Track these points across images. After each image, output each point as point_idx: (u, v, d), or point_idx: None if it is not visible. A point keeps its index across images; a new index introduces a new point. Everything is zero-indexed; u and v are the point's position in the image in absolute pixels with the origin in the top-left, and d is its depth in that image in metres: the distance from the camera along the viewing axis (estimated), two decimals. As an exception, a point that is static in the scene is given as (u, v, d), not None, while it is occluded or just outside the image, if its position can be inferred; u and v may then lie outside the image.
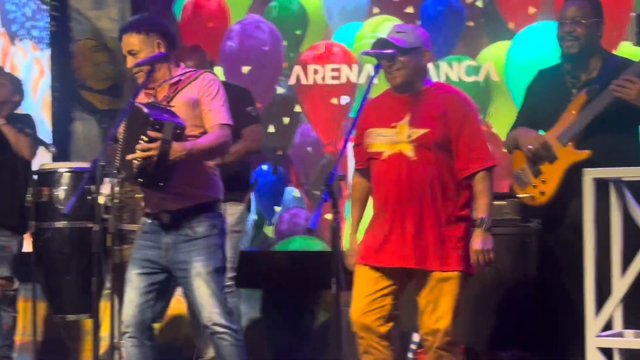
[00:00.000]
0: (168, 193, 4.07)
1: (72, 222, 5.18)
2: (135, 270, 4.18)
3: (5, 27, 7.01)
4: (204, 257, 4.12)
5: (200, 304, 4.11)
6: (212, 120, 4.11)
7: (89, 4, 6.92)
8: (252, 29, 6.36)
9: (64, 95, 6.92)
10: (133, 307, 4.16)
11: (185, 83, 4.18)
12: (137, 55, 4.17)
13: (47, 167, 5.40)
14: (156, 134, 3.89)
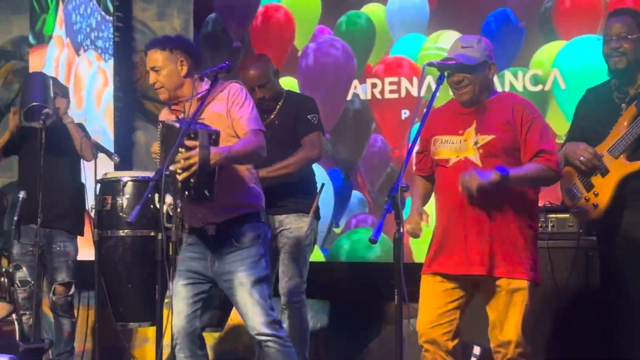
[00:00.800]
0: (209, 207, 4.12)
1: (135, 230, 5.21)
2: (182, 281, 4.24)
3: (70, 38, 7.10)
4: (247, 267, 4.18)
5: (244, 313, 4.17)
6: (243, 127, 4.17)
7: (152, 15, 6.99)
8: (326, 47, 6.42)
9: (127, 104, 6.99)
10: (182, 318, 4.22)
11: (213, 96, 4.23)
12: (160, 72, 4.25)
13: (111, 176, 5.44)
14: (193, 142, 3.94)
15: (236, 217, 4.20)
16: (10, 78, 7.52)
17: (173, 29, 6.93)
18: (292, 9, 6.49)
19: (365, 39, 6.31)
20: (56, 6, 7.14)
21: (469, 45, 4.09)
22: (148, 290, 5.13)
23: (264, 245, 4.25)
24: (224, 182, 4.09)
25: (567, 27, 5.76)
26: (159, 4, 6.97)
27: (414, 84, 6.15)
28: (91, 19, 7.03)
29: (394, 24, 6.22)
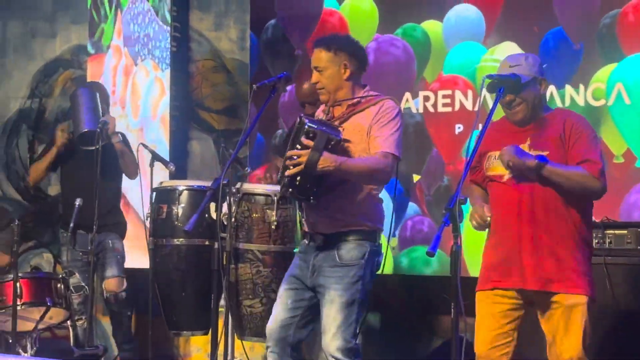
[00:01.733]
0: (324, 215, 4.08)
1: (190, 239, 5.20)
2: (285, 285, 4.20)
3: (128, 48, 7.17)
4: (341, 286, 4.06)
5: (324, 331, 4.07)
6: (377, 146, 4.05)
7: (209, 25, 7.03)
8: (386, 46, 6.37)
9: (182, 114, 7.03)
10: (276, 322, 4.17)
11: (363, 106, 4.15)
12: (322, 73, 4.17)
13: (167, 184, 5.46)
14: (309, 142, 3.90)
15: (345, 233, 4.11)
16: (68, 86, 7.61)
17: (229, 39, 6.97)
18: (350, 18, 6.47)
19: (421, 52, 6.28)
20: (114, 16, 7.21)
21: (517, 64, 4.06)
22: (202, 299, 5.16)
23: (367, 268, 4.10)
24: (341, 194, 4.05)
25: (630, 41, 5.68)
26: (216, 14, 7.01)
27: (469, 98, 6.10)
28: (149, 29, 7.08)
29: (450, 38, 6.18)
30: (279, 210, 4.89)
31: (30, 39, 7.75)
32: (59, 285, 5.16)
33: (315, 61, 4.19)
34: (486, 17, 6.05)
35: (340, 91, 4.17)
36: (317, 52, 4.19)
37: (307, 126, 3.91)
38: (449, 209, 3.46)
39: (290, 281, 4.20)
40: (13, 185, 7.79)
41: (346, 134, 4.06)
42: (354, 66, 4.17)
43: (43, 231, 7.51)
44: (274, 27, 6.70)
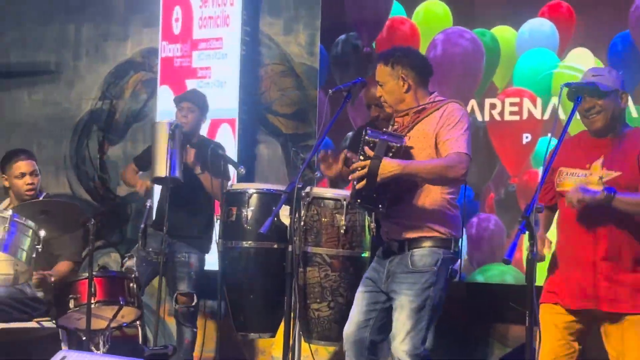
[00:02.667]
0: (397, 223, 4.10)
1: (258, 242, 5.20)
2: (361, 288, 4.24)
3: (199, 50, 7.23)
4: (412, 292, 4.09)
5: (393, 335, 4.11)
6: (447, 149, 4.05)
7: (279, 30, 7.07)
8: (455, 38, 6.34)
9: (251, 118, 7.08)
10: (352, 324, 4.21)
11: (427, 112, 4.17)
12: (383, 87, 4.22)
13: (237, 187, 5.48)
14: (370, 152, 3.93)
15: (418, 239, 4.13)
16: (138, 88, 7.70)
17: (299, 44, 7.00)
18: (422, 24, 6.45)
19: (488, 59, 6.24)
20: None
21: (599, 74, 4.03)
22: (269, 301, 5.19)
23: (440, 275, 4.11)
24: (414, 201, 4.06)
25: None
26: (286, 19, 7.05)
27: (537, 105, 6.04)
28: (220, 32, 7.13)
29: (522, 45, 6.13)
30: (348, 214, 4.90)
31: (102, 41, 7.86)
32: (131, 285, 5.22)
33: (377, 75, 4.25)
34: (561, 33, 5.98)
35: (401, 104, 4.22)
36: (378, 67, 4.26)
37: (367, 137, 3.94)
38: (526, 217, 3.45)
39: (366, 284, 4.24)
40: (83, 185, 7.90)
41: (411, 141, 4.08)
42: (413, 78, 4.20)
43: (111, 231, 7.61)
44: (344, 43, 6.71)
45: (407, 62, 4.21)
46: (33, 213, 4.88)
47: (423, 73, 4.25)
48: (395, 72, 4.18)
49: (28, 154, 5.94)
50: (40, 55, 8.11)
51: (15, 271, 4.85)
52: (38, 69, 8.09)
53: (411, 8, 6.50)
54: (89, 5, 7.91)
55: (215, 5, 7.09)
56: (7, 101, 8.21)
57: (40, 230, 4.76)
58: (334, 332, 5.09)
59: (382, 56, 4.26)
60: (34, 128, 8.08)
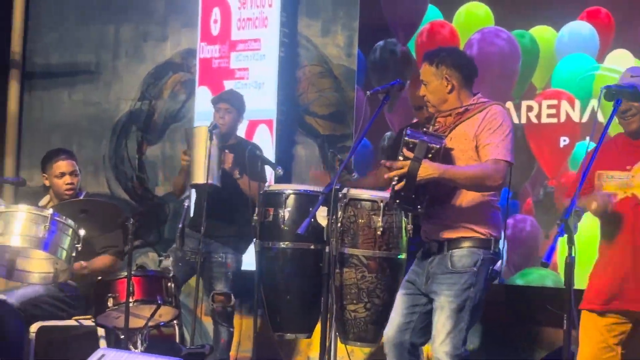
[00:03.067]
0: (436, 223, 4.10)
1: (295, 242, 5.21)
2: (401, 290, 4.26)
3: (237, 52, 7.27)
4: (452, 293, 4.09)
5: (434, 336, 4.11)
6: (487, 154, 4.05)
7: (317, 31, 7.09)
8: (491, 37, 6.32)
9: (288, 118, 7.10)
10: (392, 327, 4.22)
11: (469, 114, 4.16)
12: (427, 86, 4.21)
13: (274, 188, 5.49)
14: (409, 153, 3.93)
15: (458, 240, 4.13)
16: (177, 89, 7.75)
17: (336, 45, 7.01)
18: (463, 26, 6.43)
19: (527, 60, 6.21)
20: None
21: (638, 75, 4.00)
22: (306, 302, 5.21)
23: (479, 276, 4.11)
24: (454, 201, 4.07)
25: None
26: (324, 20, 7.06)
27: (576, 108, 5.99)
28: (258, 34, 7.16)
29: (562, 48, 6.09)
30: (385, 216, 4.90)
31: (142, 42, 7.92)
32: (169, 284, 5.25)
33: (422, 74, 4.25)
34: (601, 37, 5.94)
35: (444, 104, 4.20)
36: (423, 66, 4.25)
37: (406, 138, 3.93)
38: (564, 220, 3.44)
39: (406, 286, 4.25)
40: (121, 185, 7.96)
41: (452, 142, 4.07)
42: (457, 79, 4.20)
43: (149, 231, 7.66)
44: (382, 49, 6.71)
45: (451, 62, 4.21)
46: (73, 212, 4.93)
47: (467, 74, 4.24)
48: (440, 72, 4.18)
49: (68, 154, 5.98)
50: (80, 55, 8.19)
51: (55, 270, 4.88)
52: (78, 70, 8.17)
53: (450, 11, 6.48)
54: (129, 6, 7.97)
55: (254, 7, 7.12)
56: (48, 101, 8.30)
57: (80, 230, 4.80)
58: (370, 333, 5.09)
59: (427, 56, 4.26)
60: (74, 128, 8.15)
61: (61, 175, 5.83)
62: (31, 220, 4.70)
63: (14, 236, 4.69)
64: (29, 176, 7.31)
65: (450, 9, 6.47)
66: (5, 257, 4.87)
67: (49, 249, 4.70)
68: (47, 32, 8.34)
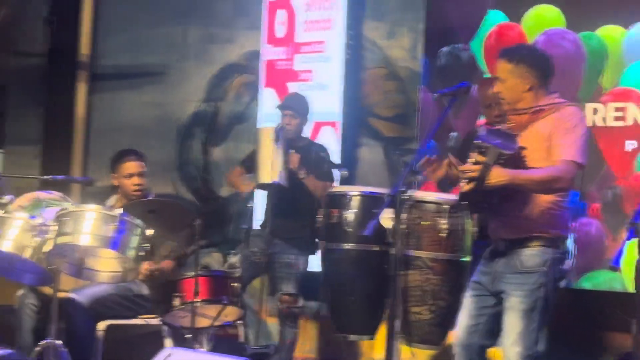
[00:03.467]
0: (505, 221, 4.09)
1: (359, 244, 5.21)
2: (469, 292, 4.24)
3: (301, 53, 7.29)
4: (522, 293, 4.07)
5: (504, 337, 4.09)
6: (558, 154, 4.02)
7: (382, 34, 7.09)
8: (557, 39, 6.28)
9: (353, 121, 7.11)
10: (461, 329, 4.21)
11: (544, 114, 4.14)
12: (503, 83, 4.18)
13: (338, 189, 5.50)
14: (479, 157, 3.92)
15: (527, 239, 4.11)
16: (241, 91, 7.80)
17: (402, 47, 7.00)
18: (532, 29, 6.37)
19: (594, 62, 6.15)
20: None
21: None
22: (370, 303, 5.20)
23: (549, 275, 4.09)
24: (523, 200, 4.05)
25: None
26: (389, 23, 7.06)
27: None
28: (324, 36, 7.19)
29: (631, 50, 6.02)
30: (450, 218, 4.88)
31: (208, 44, 7.99)
32: (234, 285, 5.30)
33: (498, 71, 4.20)
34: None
35: (520, 102, 4.15)
36: (500, 63, 4.20)
37: (478, 141, 3.92)
38: (634, 223, 3.41)
39: (474, 287, 4.23)
40: (187, 186, 8.04)
41: (525, 141, 4.04)
42: (536, 77, 4.15)
43: (213, 231, 7.71)
44: (448, 55, 6.68)
45: (531, 60, 4.18)
46: (141, 212, 4.98)
47: (545, 73, 4.20)
48: (519, 70, 4.14)
49: (137, 155, 6.04)
50: (147, 57, 8.28)
51: (123, 269, 4.94)
52: (145, 71, 8.26)
53: (515, 14, 6.44)
54: (196, 9, 8.04)
55: (320, 9, 7.14)
56: (116, 102, 8.41)
57: (147, 229, 4.86)
58: (434, 335, 5.07)
59: (506, 53, 4.22)
60: (141, 129, 8.25)
61: (129, 176, 5.90)
62: (100, 219, 4.75)
63: (83, 235, 4.74)
64: (96, 176, 7.40)
65: (515, 13, 6.43)
66: (75, 256, 4.94)
67: (117, 248, 4.75)
68: (115, 34, 8.45)
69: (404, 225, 4.92)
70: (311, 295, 6.38)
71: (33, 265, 5.01)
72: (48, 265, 4.91)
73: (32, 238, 4.89)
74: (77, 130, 8.31)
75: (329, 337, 5.78)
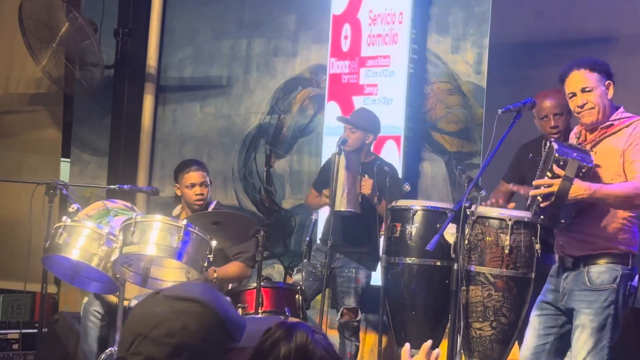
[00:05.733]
0: (573, 237, 4.06)
1: (422, 259, 5.22)
2: (536, 312, 4.22)
3: (364, 68, 7.31)
4: (593, 311, 4.05)
5: (573, 354, 4.07)
6: (634, 170, 4.00)
7: (447, 48, 7.07)
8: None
9: (416, 135, 7.10)
10: (528, 349, 4.20)
11: (615, 128, 4.13)
12: (592, 92, 4.14)
13: (401, 203, 5.51)
14: (560, 171, 3.89)
15: (595, 255, 4.09)
16: (306, 104, 7.84)
17: (466, 62, 6.99)
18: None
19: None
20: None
21: None
22: (431, 318, 5.21)
23: (619, 292, 4.07)
24: (593, 216, 4.03)
25: None
26: (454, 37, 7.05)
27: None
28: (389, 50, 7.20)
29: None
30: (513, 234, 4.87)
31: (272, 57, 8.05)
32: (297, 296, 5.33)
33: (583, 82, 4.15)
34: None
35: (607, 110, 4.12)
36: (582, 73, 4.16)
37: (557, 154, 3.89)
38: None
39: (541, 307, 4.21)
40: (249, 197, 8.09)
41: (598, 158, 4.01)
42: (611, 90, 4.15)
43: (275, 243, 7.76)
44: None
45: (610, 72, 4.19)
46: (206, 223, 5.05)
47: (614, 87, 4.21)
48: (604, 80, 4.15)
49: (200, 165, 6.12)
50: (213, 69, 8.37)
51: (187, 279, 5.00)
52: (210, 84, 8.35)
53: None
54: (261, 22, 8.11)
55: (384, 24, 7.16)
56: (181, 114, 8.51)
57: (212, 240, 4.91)
58: (495, 352, 5.06)
59: (585, 63, 4.20)
60: (205, 140, 8.34)
61: (192, 186, 5.96)
62: (166, 230, 4.82)
63: (149, 245, 4.82)
64: (161, 187, 7.50)
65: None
66: (140, 265, 5.01)
67: (182, 259, 4.81)
68: (182, 47, 8.56)
69: (467, 240, 4.94)
70: (373, 309, 6.39)
71: (99, 273, 5.09)
72: (114, 274, 4.99)
73: (99, 247, 4.98)
74: (143, 141, 8.42)
75: (391, 350, 5.76)
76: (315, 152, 7.62)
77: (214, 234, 4.97)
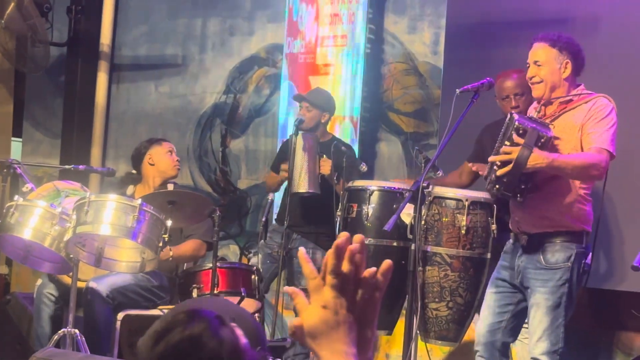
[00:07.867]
0: (529, 214, 4.07)
1: (378, 239, 5.21)
2: (491, 289, 4.24)
3: (323, 48, 7.28)
4: (547, 290, 4.08)
5: (530, 333, 4.10)
6: (590, 142, 4.04)
7: (403, 28, 7.07)
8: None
9: (372, 115, 7.09)
10: (484, 326, 4.21)
11: (575, 104, 4.15)
12: (542, 67, 4.17)
13: (358, 184, 5.50)
14: (519, 139, 3.91)
15: (551, 233, 4.11)
16: (261, 84, 7.80)
17: (423, 42, 6.99)
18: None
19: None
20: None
21: None
22: (388, 299, 5.19)
23: (573, 271, 4.10)
24: (549, 193, 4.05)
25: None
26: (410, 18, 7.04)
27: None
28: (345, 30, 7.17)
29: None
30: (469, 215, 4.88)
31: (228, 36, 7.99)
32: (252, 277, 5.30)
33: (537, 55, 4.19)
34: None
35: (557, 89, 4.15)
36: (540, 47, 4.19)
37: (517, 123, 3.90)
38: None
39: (496, 284, 4.22)
40: (204, 177, 8.04)
41: (557, 131, 4.04)
42: (573, 67, 4.16)
43: (230, 223, 7.72)
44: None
45: (572, 49, 4.19)
46: (161, 202, 5.00)
47: (580, 64, 4.23)
48: (562, 57, 4.16)
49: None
50: (167, 48, 8.29)
51: (142, 259, 4.95)
52: (165, 62, 8.28)
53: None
54: (216, 0, 8.04)
55: (341, 3, 7.13)
56: (135, 93, 8.43)
57: (167, 220, 4.87)
58: (451, 332, 5.08)
59: (548, 38, 4.22)
60: (160, 120, 8.26)
61: (170, 152, 5.97)
62: (120, 209, 4.77)
63: (103, 225, 4.76)
64: (115, 166, 7.41)
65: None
66: (94, 245, 4.95)
67: (137, 239, 4.76)
68: (136, 25, 8.46)
69: (424, 221, 4.94)
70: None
71: (52, 253, 5.03)
72: (67, 254, 4.93)
73: (52, 226, 4.91)
74: (97, 120, 8.32)
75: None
76: (272, 132, 7.59)
77: (170, 214, 4.92)
